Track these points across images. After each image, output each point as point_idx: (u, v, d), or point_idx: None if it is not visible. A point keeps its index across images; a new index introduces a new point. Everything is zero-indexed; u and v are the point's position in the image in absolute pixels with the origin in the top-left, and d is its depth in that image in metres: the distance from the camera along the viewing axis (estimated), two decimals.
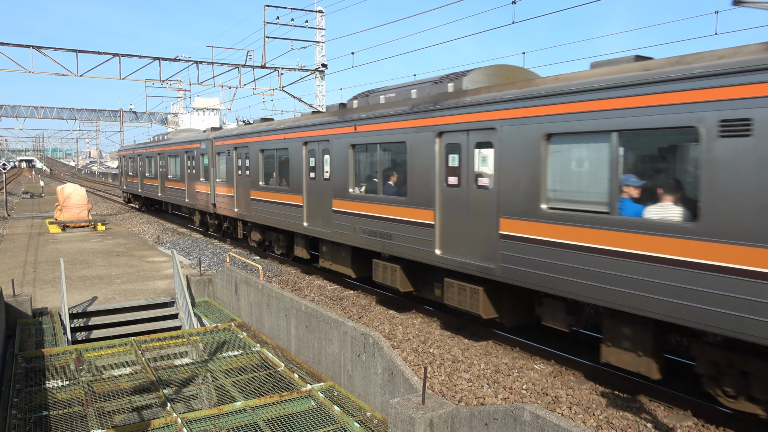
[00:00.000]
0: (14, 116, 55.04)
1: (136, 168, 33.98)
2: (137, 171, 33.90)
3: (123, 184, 39.17)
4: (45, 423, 7.22)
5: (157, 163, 29.48)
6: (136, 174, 34.04)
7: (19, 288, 13.60)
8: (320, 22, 31.71)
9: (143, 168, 32.33)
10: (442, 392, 8.00)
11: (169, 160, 27.72)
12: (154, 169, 29.87)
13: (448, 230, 9.93)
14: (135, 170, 34.64)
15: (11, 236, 23.02)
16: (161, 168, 29.09)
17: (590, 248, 7.38)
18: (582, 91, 7.40)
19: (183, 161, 25.18)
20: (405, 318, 11.55)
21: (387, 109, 11.23)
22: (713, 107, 6.05)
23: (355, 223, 12.45)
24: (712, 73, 6.05)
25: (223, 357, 9.65)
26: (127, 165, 37.12)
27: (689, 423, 6.97)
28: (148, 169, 31.25)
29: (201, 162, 22.86)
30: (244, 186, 18.62)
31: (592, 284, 7.35)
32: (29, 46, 25.23)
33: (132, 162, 35.56)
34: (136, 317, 12.54)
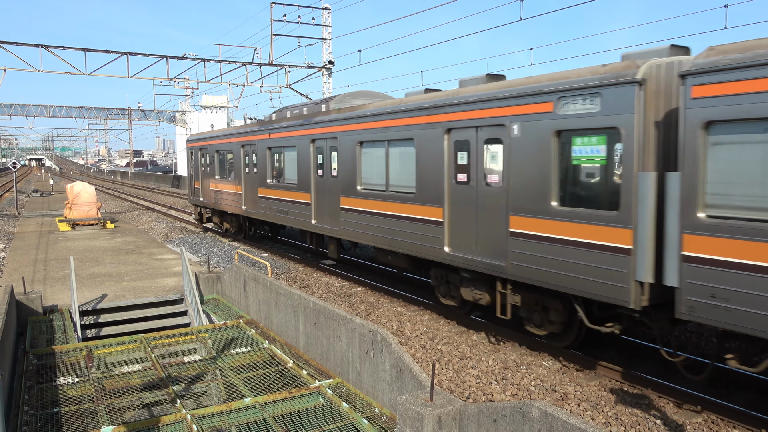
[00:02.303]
0: (24, 115, 55.42)
1: (235, 167, 20.09)
2: (236, 172, 20.02)
3: (196, 193, 24.70)
4: (56, 419, 7.29)
5: (310, 160, 15.25)
6: (236, 177, 20.01)
7: (30, 286, 13.71)
8: (327, 19, 31.69)
9: (260, 168, 17.98)
10: (451, 389, 8.00)
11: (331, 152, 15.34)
12: (290, 169, 16.35)
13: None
14: (229, 171, 20.92)
15: (22, 234, 23.20)
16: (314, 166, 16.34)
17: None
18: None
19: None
20: (413, 315, 11.55)
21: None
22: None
23: None
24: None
25: (232, 354, 9.69)
26: (207, 163, 23.06)
27: (699, 420, 6.94)
28: (273, 169, 17.41)
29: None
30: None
31: None
32: (38, 45, 25.40)
33: (219, 158, 21.88)
34: (145, 314, 12.62)
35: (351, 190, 13.08)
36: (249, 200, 18.94)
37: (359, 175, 12.88)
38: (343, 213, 13.43)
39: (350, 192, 13.10)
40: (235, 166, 19.86)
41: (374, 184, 12.46)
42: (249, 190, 18.88)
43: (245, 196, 19.18)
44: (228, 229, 22.47)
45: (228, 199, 20.75)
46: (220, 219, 23.10)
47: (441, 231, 10.34)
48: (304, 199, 15.35)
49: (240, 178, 19.43)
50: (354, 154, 12.98)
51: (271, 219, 17.43)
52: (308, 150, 15.03)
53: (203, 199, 23.66)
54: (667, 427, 6.76)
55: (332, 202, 13.90)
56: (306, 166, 15.09)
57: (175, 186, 65.62)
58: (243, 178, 19.26)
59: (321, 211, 14.52)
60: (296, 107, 16.48)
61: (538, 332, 9.14)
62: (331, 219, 14.03)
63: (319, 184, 14.63)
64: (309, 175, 14.97)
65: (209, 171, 22.73)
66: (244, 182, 19.18)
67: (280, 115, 17.21)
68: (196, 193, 24.72)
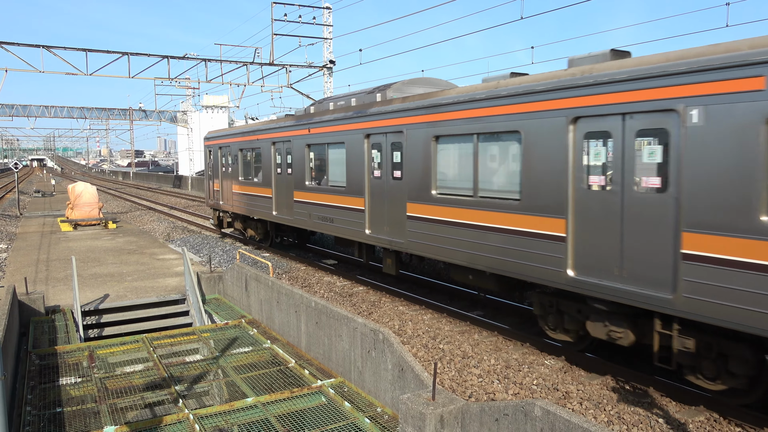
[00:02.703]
0: (25, 116, 55.49)
1: (265, 168, 17.77)
2: (265, 173, 17.69)
3: (215, 196, 22.44)
4: (59, 419, 7.30)
5: (364, 159, 13.62)
6: (266, 179, 17.66)
7: (32, 286, 13.73)
8: (328, 18, 31.68)
9: (297, 168, 15.87)
10: (453, 388, 8.00)
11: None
12: (336, 170, 14.28)
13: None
14: (256, 172, 18.64)
15: (24, 235, 23.23)
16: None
17: None
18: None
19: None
20: (415, 314, 11.55)
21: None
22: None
23: None
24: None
25: (234, 353, 9.70)
26: (229, 163, 20.83)
27: (701, 418, 6.94)
28: (313, 169, 15.38)
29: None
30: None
31: None
32: (39, 45, 25.43)
33: (244, 157, 19.60)
34: (147, 314, 12.64)
35: (422, 195, 10.88)
36: (282, 205, 16.59)
37: (434, 177, 10.60)
38: (410, 222, 11.21)
39: (421, 197, 10.93)
40: (265, 167, 17.50)
41: (456, 188, 10.25)
42: (282, 194, 16.55)
43: (277, 200, 16.89)
44: (252, 236, 20.20)
45: (255, 203, 18.38)
46: (243, 225, 20.77)
47: (561, 249, 8.14)
48: (354, 205, 13.01)
49: (270, 179, 17.11)
50: (427, 151, 10.72)
51: (309, 227, 15.08)
52: (361, 147, 12.70)
53: (223, 203, 21.36)
54: (669, 426, 6.76)
55: (395, 209, 11.67)
56: (358, 166, 12.81)
57: (176, 186, 65.67)
58: (274, 180, 16.92)
59: (378, 219, 12.24)
60: (340, 98, 14.49)
61: (707, 385, 7.00)
62: (392, 229, 11.81)
63: (375, 187, 12.36)
64: (362, 177, 12.67)
65: (231, 172, 20.27)
66: (276, 185, 16.88)
67: (320, 107, 15.14)
68: (216, 196, 22.31)
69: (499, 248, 9.19)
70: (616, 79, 7.20)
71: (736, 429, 6.69)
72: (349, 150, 13.11)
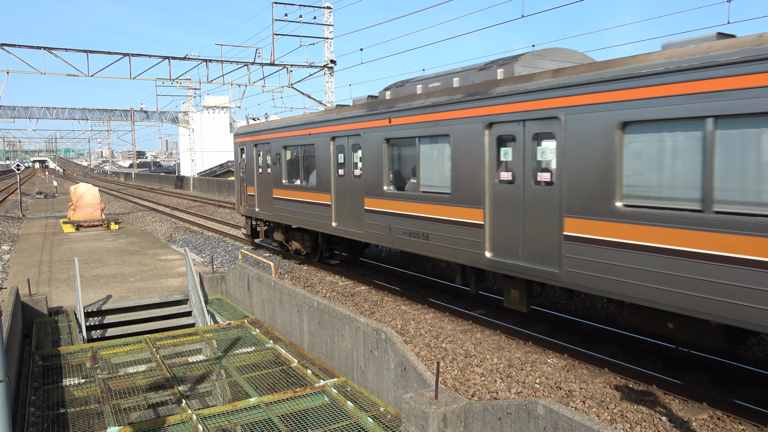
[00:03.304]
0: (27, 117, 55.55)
1: (321, 169, 14.52)
2: (322, 176, 14.50)
3: (249, 202, 19.12)
4: (62, 420, 7.32)
5: (483, 156, 9.91)
6: (322, 182, 14.52)
7: (35, 287, 13.76)
8: (328, 18, 31.68)
9: (370, 169, 12.67)
10: (455, 387, 8.01)
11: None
12: (434, 171, 11.16)
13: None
14: (307, 174, 15.61)
15: (26, 236, 23.27)
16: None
17: None
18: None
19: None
20: (417, 313, 11.56)
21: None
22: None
23: None
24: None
25: (237, 354, 9.72)
26: (268, 163, 17.58)
27: (704, 416, 6.93)
28: (394, 171, 12.43)
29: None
30: None
31: None
32: (41, 47, 25.46)
33: (290, 156, 16.49)
34: (150, 315, 12.66)
35: (598, 207, 7.64)
36: (345, 215, 13.49)
37: (619, 181, 7.42)
38: (572, 246, 7.99)
39: (596, 211, 7.66)
40: (320, 167, 14.29)
41: (671, 198, 6.99)
42: (346, 201, 13.47)
43: (338, 208, 13.78)
44: (298, 249, 16.95)
45: (304, 211, 15.22)
46: (285, 236, 17.48)
47: None
48: (465, 218, 9.82)
49: (329, 183, 13.95)
50: (606, 145, 7.50)
51: (389, 243, 11.92)
52: (478, 141, 9.44)
53: (259, 210, 18.02)
54: (672, 424, 6.75)
55: (539, 225, 8.54)
56: (471, 166, 9.64)
57: (178, 187, 65.76)
58: (334, 184, 13.79)
59: (508, 238, 9.08)
60: (431, 78, 11.43)
61: None
62: (534, 253, 8.61)
63: (502, 195, 9.14)
64: (478, 181, 9.53)
65: (272, 173, 17.01)
66: (337, 190, 13.73)
67: (402, 91, 12.07)
68: (249, 201, 18.90)
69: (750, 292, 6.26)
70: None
71: (739, 427, 6.68)
72: (458, 144, 9.92)
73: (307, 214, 15.21)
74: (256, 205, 18.38)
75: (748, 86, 6.13)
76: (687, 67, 6.65)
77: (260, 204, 18.11)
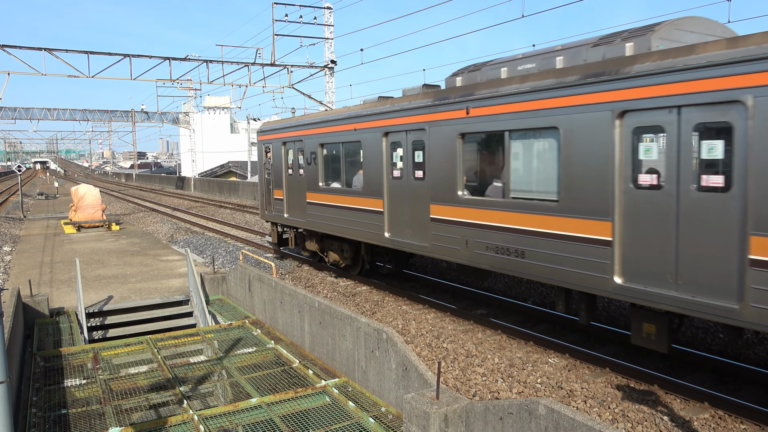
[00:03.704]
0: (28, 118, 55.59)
1: (370, 170, 12.51)
2: (371, 178, 12.48)
3: (277, 207, 16.98)
4: (64, 421, 7.32)
5: (613, 155, 7.53)
6: (371, 185, 12.49)
7: (36, 288, 13.77)
8: (329, 18, 31.70)
9: (436, 170, 10.60)
10: (457, 387, 8.00)
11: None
12: (534, 173, 8.95)
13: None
14: (349, 176, 13.72)
15: (27, 237, 23.29)
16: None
17: None
18: None
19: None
20: (418, 313, 11.55)
21: None
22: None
23: None
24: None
25: (238, 354, 9.72)
26: (300, 164, 15.57)
27: (706, 415, 6.92)
28: (470, 172, 10.20)
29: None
30: None
31: None
32: (41, 48, 25.49)
33: (328, 155, 14.49)
34: (151, 316, 12.67)
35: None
36: (401, 224, 11.47)
37: None
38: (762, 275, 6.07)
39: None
40: (369, 168, 12.24)
41: None
42: (402, 208, 11.39)
43: (392, 216, 11.73)
44: (336, 261, 14.76)
45: (348, 219, 13.12)
46: (320, 245, 15.34)
47: None
48: (584, 232, 7.87)
49: (380, 186, 11.89)
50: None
51: (470, 261, 9.77)
52: (604, 134, 7.50)
53: (289, 216, 15.94)
54: (674, 424, 6.75)
55: (707, 245, 6.55)
56: (591, 167, 7.69)
57: (179, 187, 65.81)
58: (388, 188, 11.78)
59: (651, 260, 7.11)
60: (521, 59, 9.58)
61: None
62: (697, 281, 6.66)
63: (640, 204, 7.19)
64: (603, 185, 7.57)
65: (305, 175, 14.88)
66: (391, 194, 11.70)
67: (478, 76, 10.18)
68: (276, 206, 16.75)
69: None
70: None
71: (741, 426, 6.67)
72: (570, 139, 7.95)
73: (349, 222, 13.13)
74: (285, 210, 16.27)
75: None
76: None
77: (290, 209, 16.05)
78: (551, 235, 8.35)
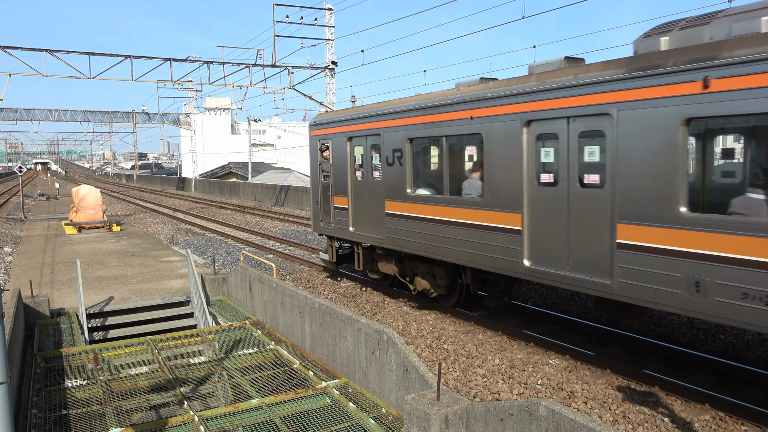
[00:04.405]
0: (29, 119, 55.65)
1: (495, 174, 9.10)
2: (502, 185, 9.00)
3: (340, 219, 13.58)
4: (65, 422, 7.32)
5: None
6: (499, 194, 9.05)
7: (37, 289, 13.78)
8: (329, 19, 31.71)
9: (653, 174, 6.85)
10: (457, 388, 8.00)
11: None
12: None
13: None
14: (455, 183, 10.32)
15: (28, 238, 23.31)
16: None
17: None
18: None
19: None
20: (419, 314, 11.55)
21: None
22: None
23: None
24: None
25: (239, 355, 9.72)
26: (374, 165, 12.33)
27: (707, 417, 6.92)
28: (707, 179, 7.08)
29: None
30: None
31: None
32: (43, 50, 25.52)
33: (418, 154, 11.34)
34: (152, 316, 12.68)
35: None
36: (559, 249, 8.07)
37: None
38: None
39: None
40: (496, 170, 9.03)
41: None
42: (560, 228, 8.04)
43: (538, 237, 8.41)
44: (426, 290, 11.60)
45: (456, 237, 9.93)
46: (400, 268, 12.28)
47: None
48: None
49: (517, 196, 8.67)
50: None
51: (706, 313, 6.41)
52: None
53: (356, 230, 12.88)
54: (674, 425, 6.75)
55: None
56: None
57: (180, 188, 65.84)
58: (530, 198, 8.52)
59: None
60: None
61: None
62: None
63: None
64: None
65: (383, 179, 11.79)
66: (535, 207, 8.44)
67: (690, 34, 7.07)
68: (338, 217, 13.55)
69: None
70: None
71: (741, 428, 6.67)
72: None
73: (457, 243, 9.96)
74: (350, 222, 13.08)
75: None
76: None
77: (358, 221, 12.92)
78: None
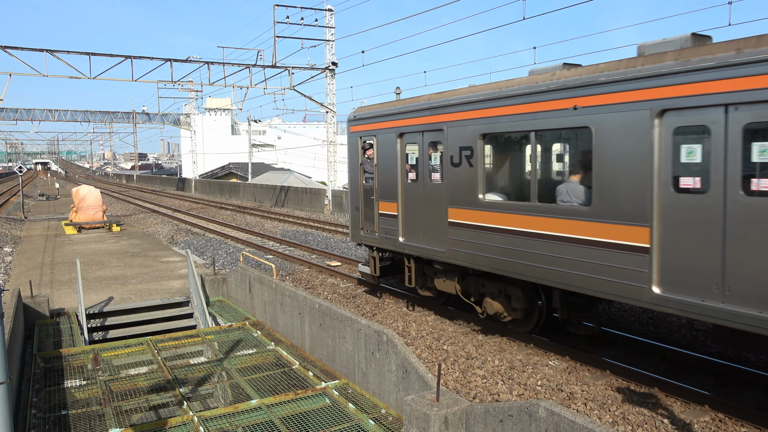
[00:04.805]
0: (29, 119, 55.66)
1: (625, 178, 7.09)
2: (628, 190, 7.07)
3: (388, 228, 11.77)
4: (64, 422, 7.32)
5: None
6: (631, 205, 7.04)
7: (37, 289, 13.78)
8: (330, 20, 31.72)
9: None
10: (457, 389, 8.00)
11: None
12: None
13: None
14: (543, 187, 8.73)
15: (28, 238, 23.31)
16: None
17: None
18: None
19: None
20: (418, 315, 11.55)
21: None
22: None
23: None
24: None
25: (238, 355, 9.72)
26: (434, 167, 10.49)
27: (706, 418, 6.92)
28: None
29: None
30: None
31: None
32: (43, 50, 25.54)
33: (507, 153, 10.12)
34: (151, 317, 12.67)
35: None
36: (709, 275, 6.37)
37: None
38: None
39: None
40: (612, 173, 7.26)
41: None
42: (710, 249, 6.35)
43: (672, 258, 6.72)
44: (499, 314, 9.75)
45: (551, 254, 8.18)
46: (462, 286, 10.47)
47: None
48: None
49: (642, 205, 6.95)
50: None
51: None
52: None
53: (406, 240, 11.24)
54: (674, 426, 6.74)
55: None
56: None
57: (180, 189, 65.84)
58: (662, 209, 6.81)
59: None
60: None
61: None
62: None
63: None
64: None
65: (446, 183, 10.12)
66: (668, 220, 6.75)
67: None
68: (384, 226, 11.88)
69: None
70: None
71: (741, 429, 6.67)
72: None
73: (551, 260, 8.21)
74: (400, 231, 11.40)
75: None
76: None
77: (409, 231, 11.21)
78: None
